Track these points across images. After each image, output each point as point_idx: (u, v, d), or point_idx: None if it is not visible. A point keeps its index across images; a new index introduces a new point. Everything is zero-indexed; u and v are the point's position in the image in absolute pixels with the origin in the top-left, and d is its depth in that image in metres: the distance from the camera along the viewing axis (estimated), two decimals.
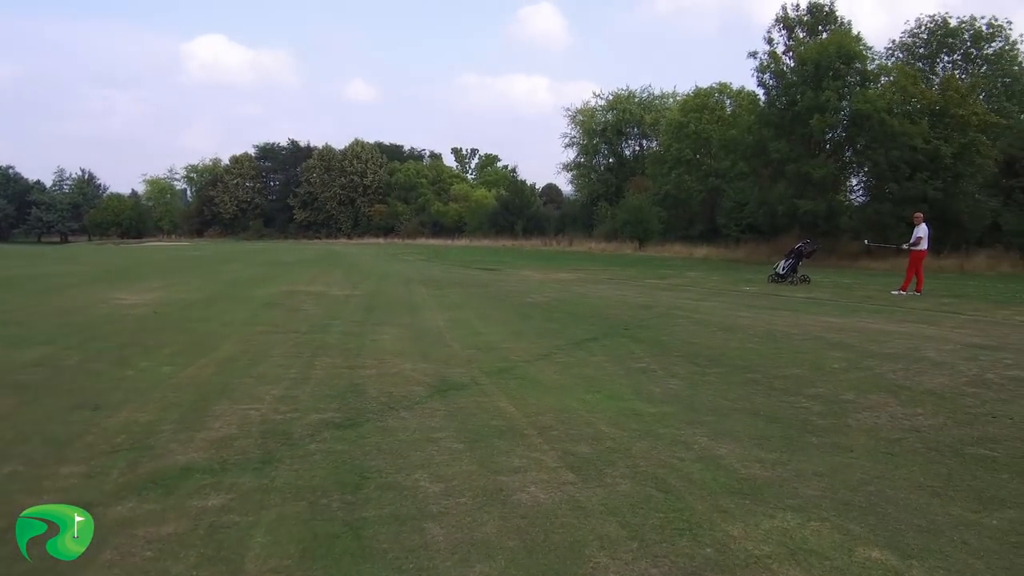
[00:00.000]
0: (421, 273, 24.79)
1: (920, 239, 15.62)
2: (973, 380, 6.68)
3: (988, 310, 12.28)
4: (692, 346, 8.85)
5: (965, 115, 28.23)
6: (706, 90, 47.39)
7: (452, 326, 11.07)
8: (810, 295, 15.40)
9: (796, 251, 18.32)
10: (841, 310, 12.59)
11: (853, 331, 9.90)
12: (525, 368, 7.62)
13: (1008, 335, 9.51)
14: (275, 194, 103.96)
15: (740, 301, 14.44)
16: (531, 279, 21.29)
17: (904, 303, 13.69)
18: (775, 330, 10.07)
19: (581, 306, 13.64)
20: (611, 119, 63.61)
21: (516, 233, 65.68)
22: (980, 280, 20.19)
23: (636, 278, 21.19)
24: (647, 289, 17.44)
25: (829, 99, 27.24)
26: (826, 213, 28.25)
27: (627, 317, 11.85)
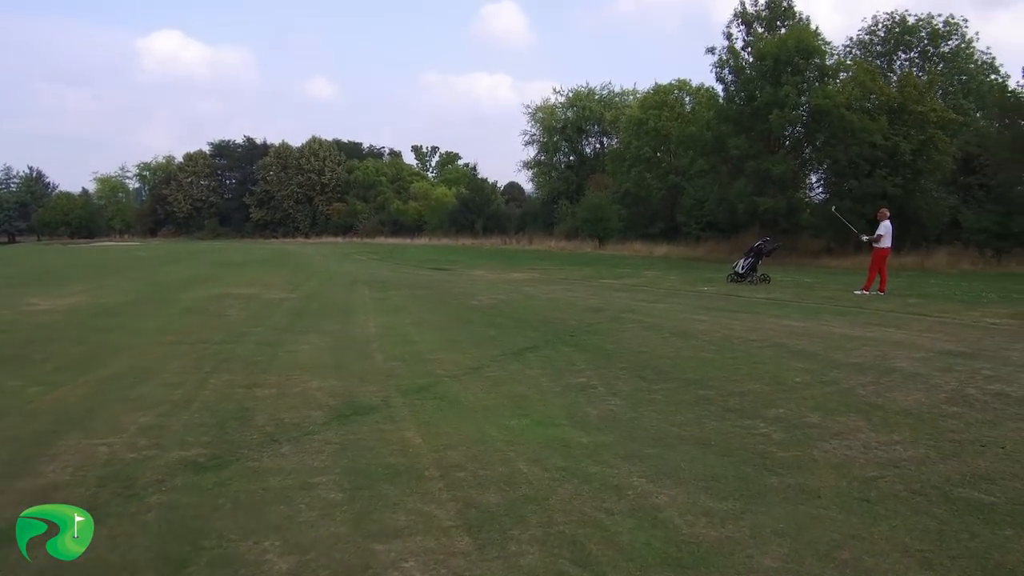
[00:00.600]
0: (370, 273, 23.72)
1: (882, 236, 14.96)
2: (952, 396, 5.88)
3: (955, 311, 11.61)
4: (640, 356, 7.97)
5: (924, 111, 27.88)
6: (666, 87, 46.79)
7: (383, 333, 10.12)
8: (770, 295, 14.68)
9: (756, 249, 17.62)
10: (803, 312, 11.84)
11: (816, 336, 9.12)
12: (449, 385, 6.67)
13: (980, 340, 8.79)
14: (231, 193, 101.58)
15: (697, 303, 13.65)
16: (482, 280, 20.34)
17: (868, 304, 13.01)
18: (732, 336, 9.24)
19: (527, 309, 12.72)
20: (571, 116, 62.87)
21: (476, 232, 64.66)
22: (942, 278, 19.71)
23: (591, 278, 20.36)
24: (601, 290, 16.59)
25: (788, 94, 26.68)
26: (786, 210, 27.72)
27: (574, 322, 10.95)
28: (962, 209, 27.09)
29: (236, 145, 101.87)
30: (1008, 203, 25.26)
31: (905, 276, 20.38)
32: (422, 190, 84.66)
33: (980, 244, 24.94)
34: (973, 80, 39.82)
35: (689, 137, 31.20)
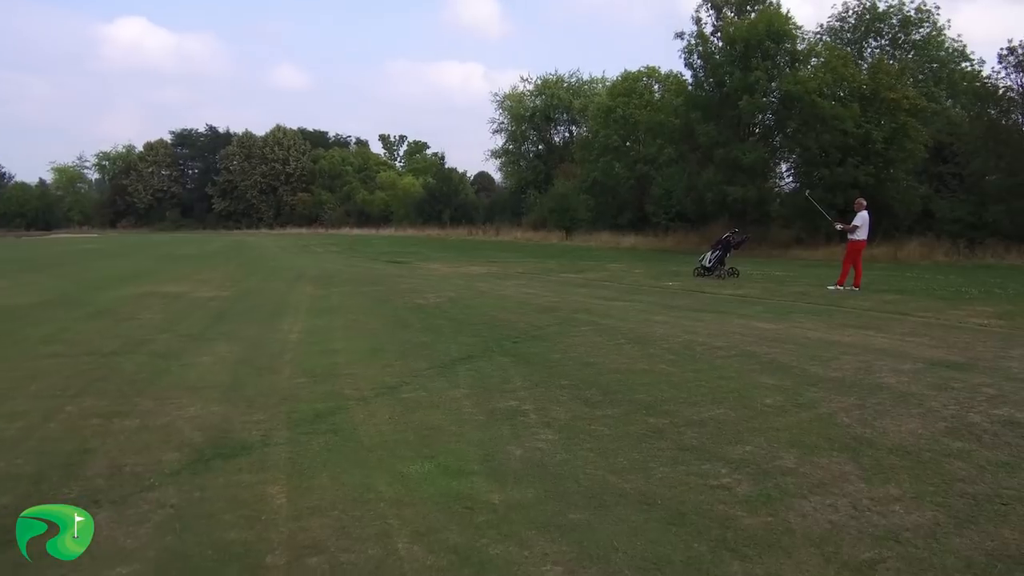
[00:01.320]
0: (321, 268, 22.44)
1: (858, 227, 14.02)
2: (954, 426, 4.85)
3: (938, 310, 10.67)
4: (588, 369, 6.87)
5: (896, 98, 27.14)
6: (634, 74, 45.72)
7: (305, 340, 8.97)
8: (739, 291, 13.69)
9: (723, 242, 16.63)
10: (774, 311, 10.84)
11: (789, 342, 8.09)
12: (352, 412, 5.54)
13: (972, 346, 7.82)
14: (193, 183, 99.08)
15: (660, 300, 12.60)
16: (437, 274, 19.17)
17: (843, 301, 12.05)
18: (695, 342, 8.18)
19: (474, 310, 11.58)
20: (540, 104, 61.66)
21: (444, 222, 63.40)
22: (917, 271, 18.90)
23: (552, 271, 19.27)
24: (559, 285, 15.50)
25: (758, 80, 25.75)
26: (756, 200, 26.84)
27: (523, 324, 9.84)
28: (935, 199, 26.44)
29: (199, 134, 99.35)
30: (981, 192, 24.63)
31: (878, 268, 19.55)
32: (389, 180, 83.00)
33: (953, 235, 24.25)
34: (944, 68, 39.31)
35: (657, 125, 30.16)
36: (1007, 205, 23.38)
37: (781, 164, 32.57)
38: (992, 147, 24.23)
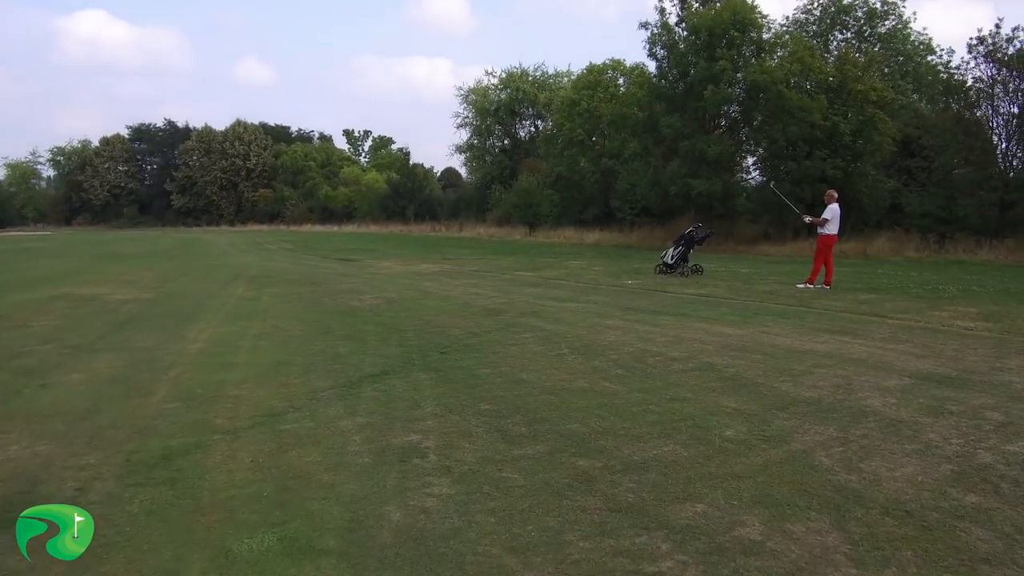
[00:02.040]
0: (265, 266, 21.11)
1: (828, 221, 13.08)
2: (962, 469, 3.82)
3: (917, 311, 9.72)
4: (517, 389, 5.77)
5: (863, 90, 26.43)
6: (599, 67, 44.79)
7: (205, 351, 7.80)
8: (702, 290, 12.68)
9: (686, 237, 15.61)
10: (739, 313, 9.82)
11: (756, 352, 7.05)
12: (211, 452, 4.41)
13: (961, 355, 6.85)
14: (151, 179, 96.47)
15: (616, 301, 11.53)
16: (385, 273, 17.97)
17: (814, 300, 11.08)
18: (649, 352, 7.12)
19: (411, 313, 10.43)
20: (504, 98, 60.50)
21: (408, 218, 62.05)
22: (888, 267, 18.09)
23: (508, 269, 18.14)
24: (512, 284, 14.39)
25: (724, 69, 24.77)
26: (722, 194, 25.91)
27: (458, 331, 8.72)
28: (904, 193, 25.78)
29: (157, 129, 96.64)
30: (951, 186, 23.99)
31: (849, 265, 18.72)
32: (352, 175, 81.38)
33: (923, 229, 23.57)
34: (910, 61, 38.91)
35: (620, 117, 29.08)
36: (977, 199, 22.76)
37: (748, 157, 31.78)
38: (962, 140, 23.58)
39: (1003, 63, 22.87)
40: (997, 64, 23.03)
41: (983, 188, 23.30)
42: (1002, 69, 23.03)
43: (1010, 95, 23.13)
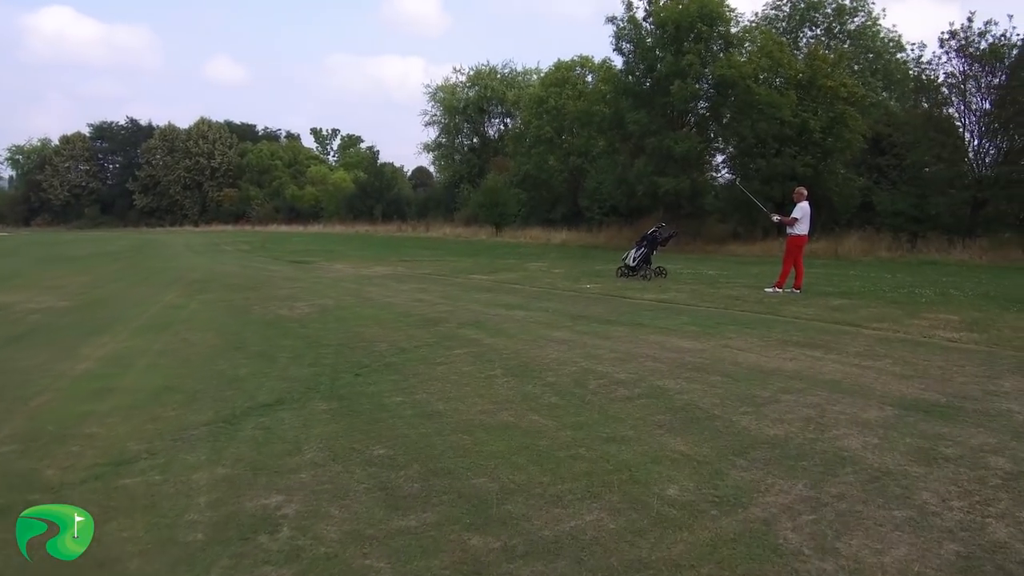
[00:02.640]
0: (210, 270, 19.91)
1: (798, 220, 12.21)
2: (971, 554, 2.88)
3: (894, 319, 8.85)
4: (427, 423, 4.80)
5: (833, 86, 25.79)
6: (567, 64, 43.96)
7: (90, 372, 6.86)
8: (664, 296, 11.77)
9: (649, 238, 14.69)
10: (700, 323, 8.89)
11: (715, 371, 6.12)
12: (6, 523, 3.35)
13: (948, 374, 5.97)
14: (114, 178, 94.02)
15: (570, 308, 10.58)
16: (332, 276, 16.92)
17: (783, 307, 10.21)
18: (592, 373, 6.17)
19: (342, 323, 9.41)
20: (472, 96, 59.47)
21: (375, 218, 60.78)
22: (860, 268, 17.35)
23: (464, 272, 17.13)
24: (462, 289, 13.40)
25: (691, 64, 23.93)
26: (690, 192, 25.08)
27: (385, 345, 7.72)
28: (875, 191, 25.17)
29: (119, 127, 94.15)
30: (922, 184, 23.40)
31: (820, 265, 17.97)
32: (319, 175, 79.84)
33: (895, 228, 22.96)
34: (880, 58, 38.52)
35: (585, 113, 28.13)
36: (948, 197, 22.18)
37: (717, 155, 31.06)
38: (933, 137, 22.99)
39: (975, 58, 22.29)
40: (969, 59, 22.45)
41: (955, 186, 22.74)
42: (974, 64, 22.46)
43: (982, 91, 22.56)
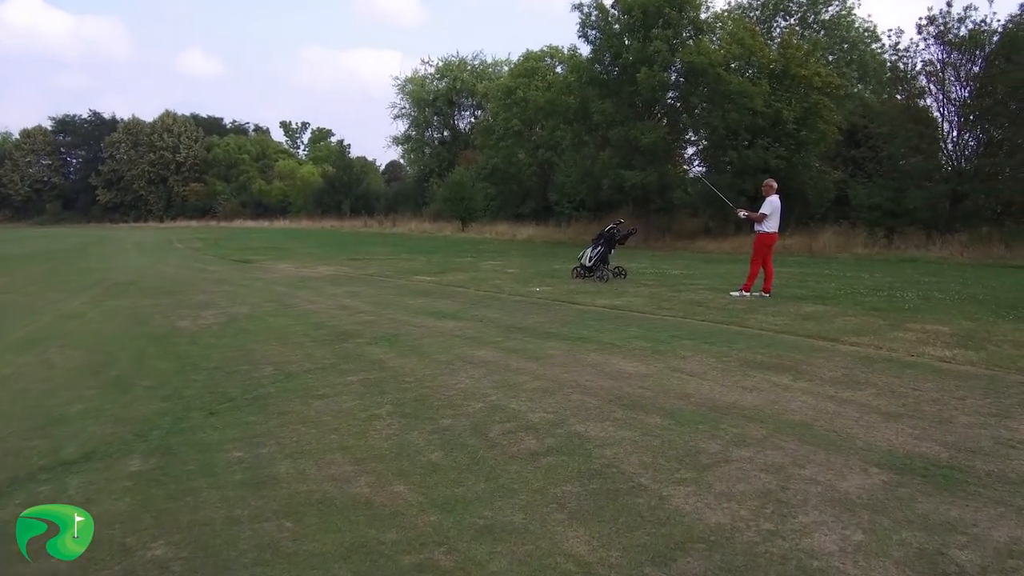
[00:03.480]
0: (141, 272, 18.47)
1: (767, 216, 10.94)
2: None
3: (876, 332, 7.60)
4: (251, 497, 3.52)
5: (807, 75, 24.70)
6: (536, 54, 42.63)
7: None
8: (617, 301, 10.49)
9: (606, 236, 13.40)
10: (651, 336, 7.62)
11: (656, 410, 4.84)
12: None
13: (948, 412, 4.72)
14: (76, 173, 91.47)
15: (509, 316, 9.28)
16: (269, 278, 15.55)
17: (748, 315, 8.97)
18: (502, 411, 4.88)
19: (237, 339, 8.06)
20: (442, 88, 57.95)
21: (344, 213, 59.16)
22: (836, 266, 16.21)
23: (410, 273, 15.75)
24: (398, 293, 12.04)
25: (659, 50, 22.64)
26: (658, 186, 23.83)
27: (271, 368, 6.42)
28: (850, 184, 24.09)
29: (82, 120, 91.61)
30: (899, 177, 22.35)
31: (793, 263, 16.84)
32: (287, 169, 77.99)
33: (871, 223, 21.90)
34: (855, 49, 37.60)
35: (549, 103, 26.77)
36: (926, 191, 21.14)
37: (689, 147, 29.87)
38: (911, 128, 21.94)
39: (954, 45, 21.23)
40: (948, 46, 21.39)
41: (932, 179, 21.75)
42: (953, 51, 21.42)
43: (961, 80, 21.52)
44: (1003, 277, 13.65)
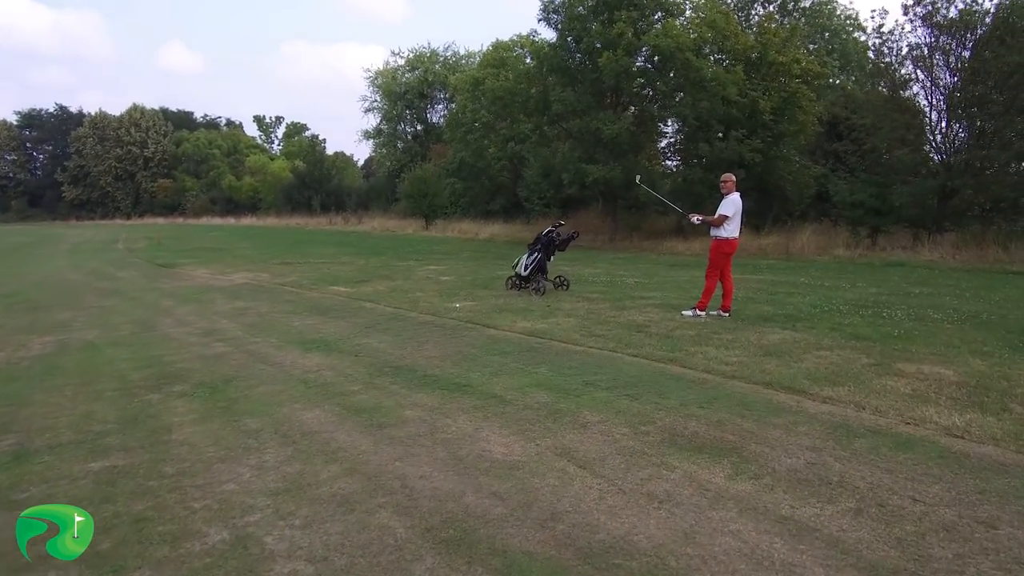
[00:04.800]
0: (44, 277, 16.63)
1: (728, 219, 8.98)
2: None
3: (857, 378, 5.64)
4: None
5: (786, 62, 22.87)
6: (506, 43, 40.61)
7: None
8: (541, 324, 8.53)
9: (543, 241, 11.42)
10: (558, 385, 5.66)
11: (490, 553, 2.93)
12: None
13: (976, 563, 2.83)
14: (42, 169, 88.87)
15: (392, 349, 7.33)
16: (172, 287, 13.64)
17: (696, 346, 7.05)
18: (235, 544, 2.95)
19: (25, 384, 6.09)
20: (413, 80, 55.85)
21: (314, 209, 57.02)
22: (814, 273, 14.32)
23: (329, 281, 13.72)
24: (290, 311, 10.03)
25: (623, 33, 20.66)
26: (623, 181, 21.87)
27: (12, 442, 4.46)
28: (831, 179, 22.30)
29: (48, 115, 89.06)
30: (884, 172, 20.58)
31: (766, 268, 14.98)
32: (258, 164, 75.58)
33: (854, 222, 20.08)
34: (836, 37, 35.95)
35: (509, 93, 24.70)
36: (913, 186, 19.35)
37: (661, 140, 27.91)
38: (896, 118, 20.14)
39: (943, 27, 19.41)
40: (936, 29, 19.58)
41: (920, 173, 19.98)
42: (942, 35, 19.62)
43: (951, 66, 19.73)
44: (1005, 287, 11.81)
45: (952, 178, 18.90)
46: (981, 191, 19.11)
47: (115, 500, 3.57)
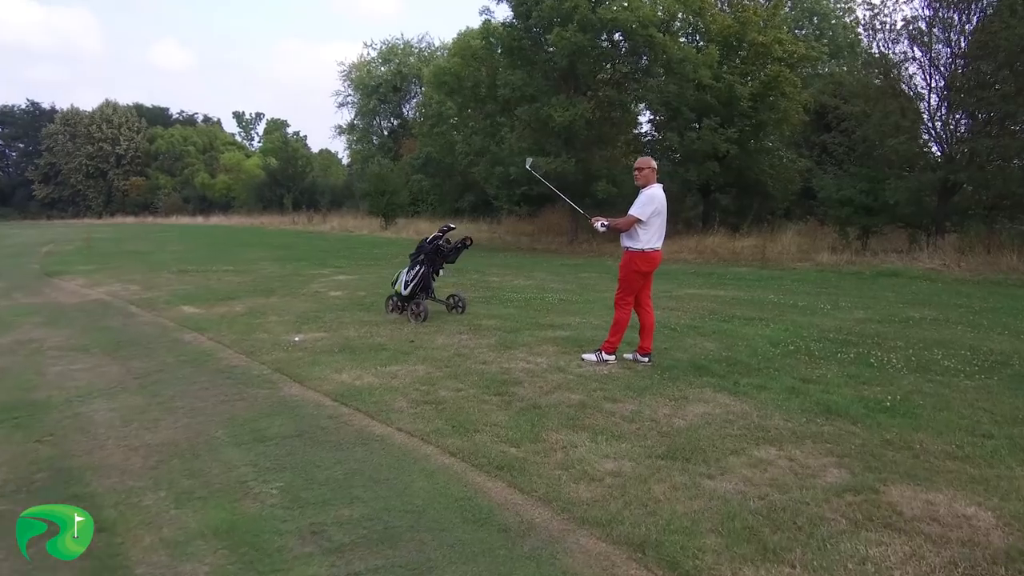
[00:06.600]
0: None
1: (641, 223, 6.45)
2: None
3: (810, 537, 3.16)
4: None
5: (767, 43, 20.40)
6: (474, 32, 38.03)
7: None
8: (372, 377, 5.89)
9: (428, 250, 8.91)
10: (259, 547, 3.15)
11: None
12: None
13: None
14: (13, 166, 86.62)
15: (105, 432, 4.80)
16: (15, 304, 10.99)
17: (569, 427, 4.49)
18: None
19: None
20: (386, 74, 53.41)
21: (285, 208, 54.61)
22: (789, 283, 11.78)
23: (193, 299, 11.15)
24: (71, 348, 7.46)
25: (577, 6, 18.05)
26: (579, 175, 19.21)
27: None
28: (818, 174, 19.78)
29: (20, 111, 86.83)
30: (876, 165, 18.08)
31: (731, 281, 12.42)
32: (233, 161, 73.08)
33: (842, 221, 17.55)
34: (826, 20, 33.58)
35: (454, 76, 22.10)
36: (909, 181, 16.87)
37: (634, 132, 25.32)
38: (891, 102, 17.63)
39: None
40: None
41: (917, 166, 17.50)
42: (942, 6, 17.11)
43: (952, 42, 17.19)
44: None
45: (954, 171, 16.39)
46: (986, 186, 16.63)
47: None
